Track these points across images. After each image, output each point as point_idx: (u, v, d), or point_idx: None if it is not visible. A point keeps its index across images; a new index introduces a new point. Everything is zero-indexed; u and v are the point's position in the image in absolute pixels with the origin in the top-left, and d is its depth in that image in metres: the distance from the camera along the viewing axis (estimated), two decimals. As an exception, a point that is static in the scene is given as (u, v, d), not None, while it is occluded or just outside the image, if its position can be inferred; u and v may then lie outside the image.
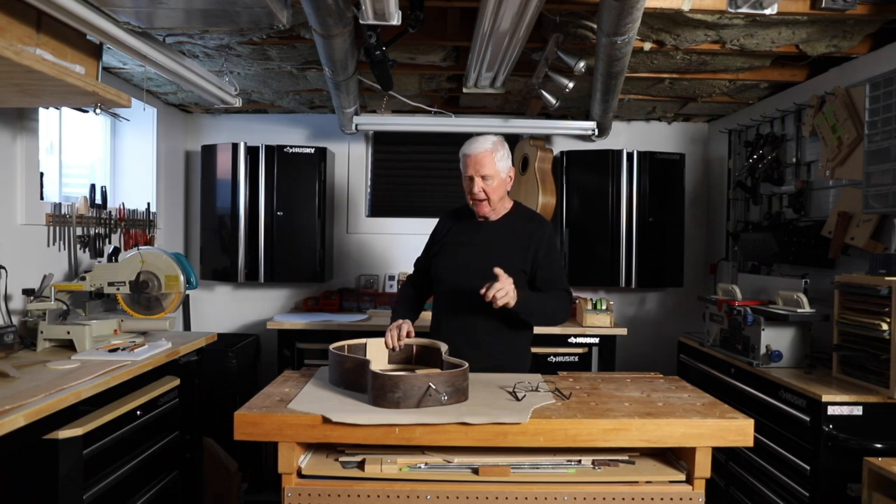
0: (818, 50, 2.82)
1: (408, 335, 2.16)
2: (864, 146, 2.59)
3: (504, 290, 2.00)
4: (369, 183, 4.41)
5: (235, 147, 3.88)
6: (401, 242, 4.34)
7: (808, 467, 2.38)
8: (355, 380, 1.84)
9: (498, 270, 2.03)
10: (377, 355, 2.12)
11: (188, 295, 3.96)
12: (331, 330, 3.55)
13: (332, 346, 2.00)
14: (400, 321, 2.19)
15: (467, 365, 1.81)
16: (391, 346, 2.13)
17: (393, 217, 4.41)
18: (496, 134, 2.32)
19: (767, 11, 2.09)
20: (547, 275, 2.27)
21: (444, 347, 2.02)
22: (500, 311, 2.10)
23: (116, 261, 2.72)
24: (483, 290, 2.01)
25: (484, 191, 2.22)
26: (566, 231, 4.03)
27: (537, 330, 3.56)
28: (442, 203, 4.44)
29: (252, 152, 3.88)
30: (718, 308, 3.10)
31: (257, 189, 3.87)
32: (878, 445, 2.25)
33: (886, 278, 2.27)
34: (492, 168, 2.21)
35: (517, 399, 1.81)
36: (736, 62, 3.09)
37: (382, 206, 4.45)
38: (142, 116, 3.70)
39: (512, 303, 2.03)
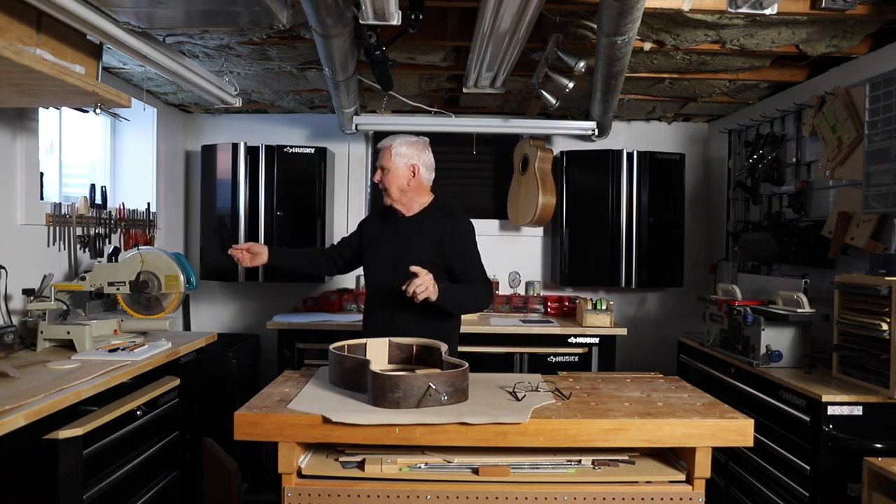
0: (818, 50, 2.82)
1: (250, 251, 2.44)
2: (864, 146, 2.58)
3: (423, 286, 2.08)
4: (369, 183, 4.41)
5: (235, 147, 3.88)
6: (401, 242, 4.33)
7: (808, 467, 2.38)
8: (355, 380, 1.84)
9: (415, 268, 2.12)
10: (377, 355, 2.12)
11: (188, 295, 3.96)
12: (331, 330, 3.55)
13: (332, 346, 2.00)
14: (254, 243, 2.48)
15: (467, 365, 1.81)
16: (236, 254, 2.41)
17: (393, 217, 4.40)
18: (419, 136, 2.48)
19: (767, 11, 2.09)
20: (463, 268, 2.38)
21: (444, 347, 2.02)
22: (422, 304, 2.17)
23: (116, 261, 2.72)
24: (404, 287, 2.10)
25: (382, 181, 2.43)
26: (566, 231, 4.03)
27: (538, 330, 3.59)
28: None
29: (252, 152, 3.88)
30: (718, 308, 3.10)
31: (257, 189, 3.87)
32: (878, 445, 2.25)
33: (886, 278, 2.27)
34: (387, 161, 2.41)
35: (517, 399, 1.81)
36: (736, 62, 3.09)
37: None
38: (142, 116, 3.69)
39: (433, 297, 2.12)
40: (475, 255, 2.44)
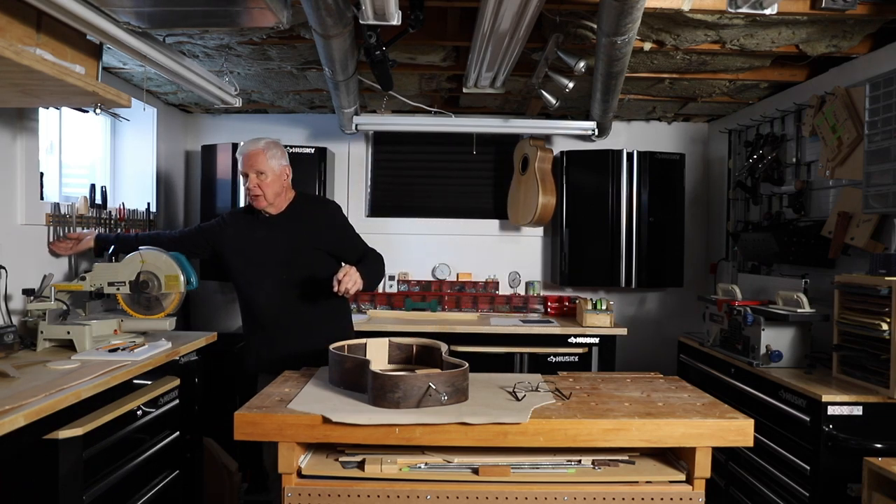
0: (818, 50, 2.82)
1: (78, 239, 2.59)
2: (864, 146, 2.58)
3: (352, 280, 2.22)
4: (369, 183, 4.41)
5: (235, 147, 3.86)
6: (400, 242, 4.34)
7: (808, 467, 2.38)
8: (355, 380, 1.84)
9: (345, 266, 2.26)
10: (377, 355, 2.12)
11: (188, 295, 3.96)
12: (331, 330, 3.54)
13: (332, 346, 2.00)
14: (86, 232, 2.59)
15: (467, 365, 1.81)
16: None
17: (393, 217, 4.40)
18: (271, 138, 2.54)
19: (767, 11, 2.09)
20: (352, 248, 2.55)
21: (444, 347, 2.02)
22: (309, 289, 2.38)
23: (116, 261, 2.71)
24: (335, 288, 2.20)
25: (259, 186, 2.42)
26: (566, 231, 4.03)
27: (538, 330, 3.59)
28: (442, 203, 4.44)
29: (252, 152, 3.87)
30: (718, 308, 3.10)
31: (257, 189, 3.87)
32: (878, 445, 2.25)
33: (886, 278, 2.27)
34: (263, 165, 2.42)
35: (517, 399, 1.81)
36: (736, 62, 3.09)
37: (382, 206, 4.45)
38: (142, 116, 3.69)
39: (361, 285, 2.26)
40: (354, 232, 2.59)
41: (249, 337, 2.62)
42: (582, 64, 2.71)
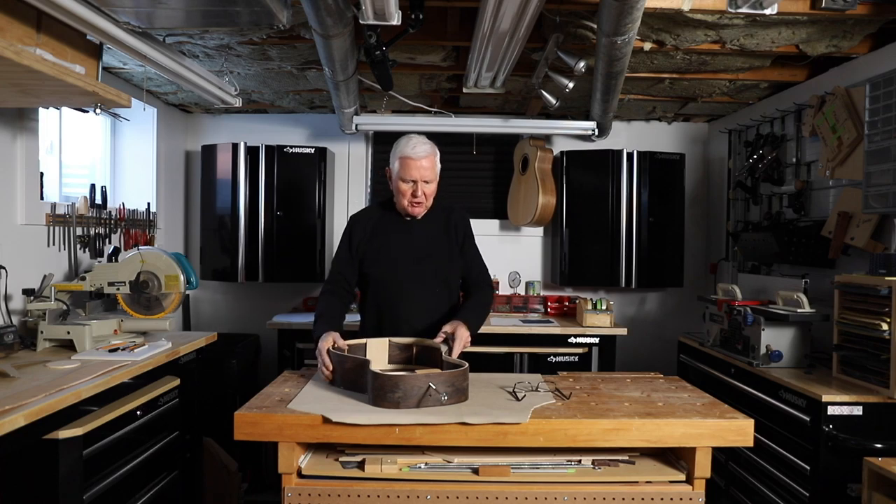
0: (818, 50, 2.82)
1: (336, 347, 2.02)
2: (864, 146, 2.58)
3: (461, 341, 2.08)
4: (369, 183, 4.41)
5: (235, 147, 3.88)
6: (401, 242, 4.33)
7: (808, 467, 2.38)
8: (355, 380, 1.84)
9: (447, 328, 2.10)
10: (377, 355, 2.12)
11: (188, 295, 3.96)
12: (331, 330, 3.54)
13: (332, 347, 2.00)
14: (327, 337, 2.04)
15: (467, 365, 1.82)
16: (327, 376, 1.97)
17: (393, 217, 4.40)
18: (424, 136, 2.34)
19: (767, 11, 2.09)
20: (472, 265, 2.40)
21: (444, 348, 2.02)
22: (439, 300, 2.29)
23: (116, 261, 2.72)
24: (448, 354, 2.01)
25: (424, 194, 2.26)
26: (566, 231, 4.03)
27: (538, 330, 3.59)
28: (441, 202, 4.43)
29: (252, 152, 3.88)
30: (718, 308, 3.10)
31: (257, 189, 3.87)
32: (878, 445, 2.25)
33: (886, 278, 2.27)
34: (433, 173, 2.27)
35: (517, 399, 1.81)
36: (736, 62, 3.09)
37: (378, 204, 4.43)
38: (142, 116, 3.70)
39: (469, 342, 2.13)
40: (478, 250, 2.45)
41: (368, 322, 2.39)
42: (582, 64, 2.71)
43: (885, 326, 2.26)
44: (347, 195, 4.37)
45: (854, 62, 2.94)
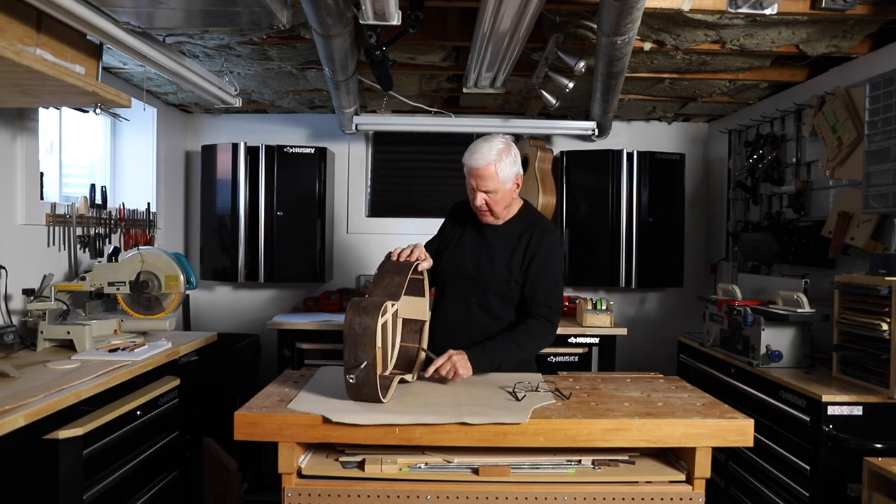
0: (818, 50, 2.82)
1: (418, 258, 2.02)
2: (864, 146, 2.58)
3: (446, 368, 1.91)
4: (369, 183, 4.41)
5: (235, 147, 3.88)
6: (401, 242, 4.28)
7: (808, 467, 2.38)
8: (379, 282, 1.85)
9: (432, 356, 1.95)
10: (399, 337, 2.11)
11: (188, 295, 3.96)
12: (331, 330, 3.55)
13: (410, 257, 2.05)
14: (421, 244, 2.10)
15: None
16: (395, 257, 2.05)
17: (393, 217, 4.40)
18: (503, 134, 2.15)
19: (767, 11, 2.09)
20: (531, 288, 2.12)
21: (424, 354, 2.04)
22: (472, 315, 2.14)
23: (116, 261, 2.72)
24: (432, 374, 1.92)
25: (486, 203, 2.11)
26: (566, 231, 4.03)
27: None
28: (442, 203, 4.42)
29: (252, 152, 3.88)
30: (718, 308, 3.10)
31: (257, 189, 3.87)
32: (878, 445, 2.25)
33: (886, 278, 2.27)
34: (494, 182, 2.05)
35: (517, 399, 1.81)
36: (736, 62, 3.09)
37: (382, 206, 4.45)
38: (142, 116, 3.69)
39: (466, 372, 1.94)
40: (551, 277, 2.14)
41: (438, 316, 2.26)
42: (582, 64, 2.71)
43: (885, 326, 2.25)
44: (347, 195, 4.37)
45: (854, 62, 2.94)
